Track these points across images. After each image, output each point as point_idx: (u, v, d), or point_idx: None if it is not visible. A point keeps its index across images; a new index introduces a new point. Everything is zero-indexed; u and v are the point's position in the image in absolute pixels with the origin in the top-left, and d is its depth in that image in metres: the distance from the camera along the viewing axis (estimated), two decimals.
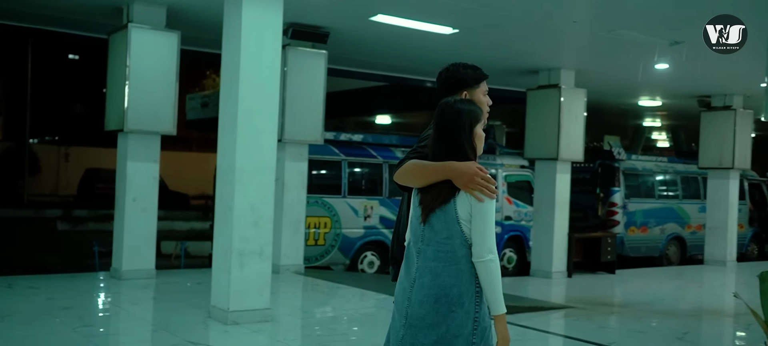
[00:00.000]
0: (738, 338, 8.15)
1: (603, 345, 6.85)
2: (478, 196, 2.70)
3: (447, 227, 2.75)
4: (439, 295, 2.73)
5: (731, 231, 14.45)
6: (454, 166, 2.75)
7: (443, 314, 2.72)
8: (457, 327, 2.72)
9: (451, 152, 2.78)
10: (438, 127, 2.85)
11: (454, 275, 2.73)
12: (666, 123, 21.02)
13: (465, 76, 3.22)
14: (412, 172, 2.89)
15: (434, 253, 2.78)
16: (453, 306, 2.72)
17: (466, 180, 2.72)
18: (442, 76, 3.26)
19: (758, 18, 7.06)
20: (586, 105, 12.15)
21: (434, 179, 2.79)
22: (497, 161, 13.32)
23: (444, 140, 2.81)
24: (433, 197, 2.78)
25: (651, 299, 10.43)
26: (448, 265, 2.74)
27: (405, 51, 11.23)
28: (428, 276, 2.77)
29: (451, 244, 2.74)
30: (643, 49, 10.14)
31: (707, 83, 13.40)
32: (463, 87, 3.19)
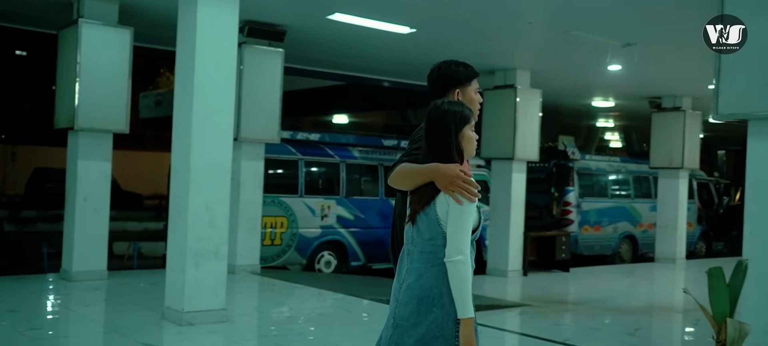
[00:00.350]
0: (687, 334, 8.34)
1: (558, 342, 6.93)
2: (458, 198, 2.71)
3: (429, 229, 2.77)
4: (422, 295, 2.75)
5: (681, 229, 14.78)
6: (438, 167, 2.76)
7: (424, 314, 2.74)
8: (437, 328, 2.73)
9: (438, 154, 2.79)
10: (427, 129, 2.86)
11: (435, 276, 2.75)
12: (618, 124, 21.41)
13: (457, 74, 3.20)
14: (402, 175, 2.91)
15: (419, 254, 2.81)
16: (433, 306, 2.73)
17: (446, 182, 2.72)
18: (433, 75, 3.24)
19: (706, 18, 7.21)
20: (542, 105, 12.29)
21: (421, 182, 2.81)
22: None
23: (431, 142, 2.83)
24: (418, 198, 2.81)
25: (604, 296, 10.60)
26: (431, 266, 2.76)
27: (363, 50, 11.22)
28: (413, 277, 2.80)
29: (433, 245, 2.77)
30: (597, 51, 10.30)
31: (658, 85, 13.68)
32: (455, 85, 3.18)
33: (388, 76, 13.83)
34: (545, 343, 6.90)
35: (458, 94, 3.16)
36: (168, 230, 7.02)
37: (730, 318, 4.13)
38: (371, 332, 7.15)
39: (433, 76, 3.24)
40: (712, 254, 17.31)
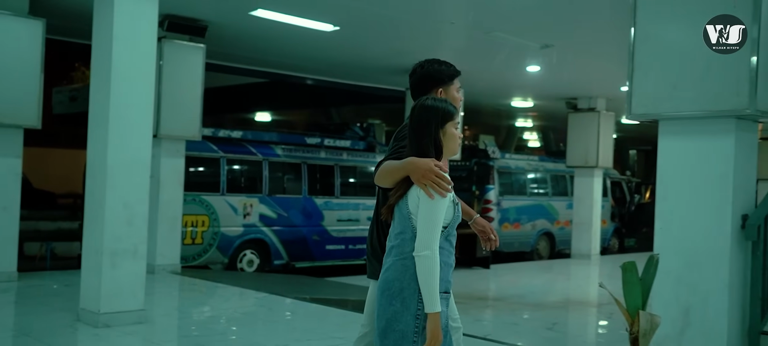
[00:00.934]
0: (601, 327, 8.63)
1: (478, 337, 7.05)
2: (429, 192, 2.70)
3: (400, 222, 2.79)
4: (384, 288, 2.78)
5: (595, 226, 15.27)
6: (412, 161, 2.76)
7: (385, 307, 2.76)
8: (395, 321, 2.73)
9: (416, 149, 2.80)
10: (410, 125, 2.86)
11: (399, 270, 2.75)
12: (537, 124, 21.95)
13: (439, 73, 3.24)
14: (384, 173, 2.91)
15: (390, 248, 2.83)
16: (393, 299, 2.74)
17: (419, 175, 2.72)
18: (415, 73, 3.26)
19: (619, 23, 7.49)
20: (464, 105, 12.47)
21: (399, 177, 2.82)
22: (377, 159, 13.44)
23: (413, 138, 2.83)
24: (393, 193, 2.83)
25: (523, 292, 10.85)
26: (397, 259, 2.77)
27: (286, 47, 11.14)
28: (383, 272, 2.83)
29: (402, 238, 2.78)
30: (517, 52, 10.55)
31: (574, 86, 14.10)
32: (438, 84, 3.22)
33: (311, 74, 13.78)
34: (466, 339, 6.98)
35: (441, 92, 3.19)
36: (83, 229, 6.77)
37: (642, 311, 4.30)
38: (294, 331, 7.13)
39: (416, 74, 3.27)
40: (625, 249, 17.95)
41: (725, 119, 4.98)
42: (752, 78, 4.78)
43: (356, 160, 13.20)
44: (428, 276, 2.68)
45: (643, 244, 17.80)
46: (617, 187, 18.37)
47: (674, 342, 5.13)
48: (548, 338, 7.48)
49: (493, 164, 15.00)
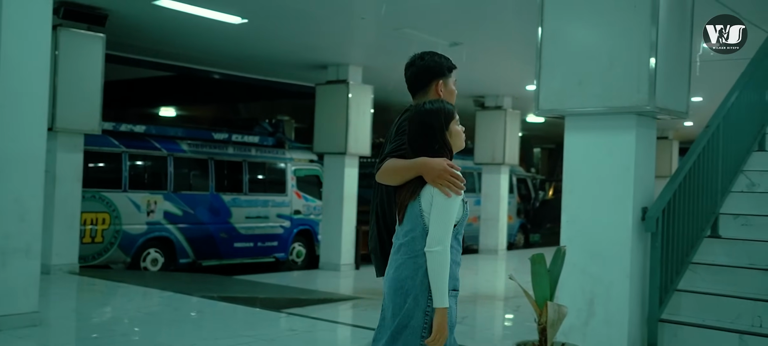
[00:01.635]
0: (508, 319, 8.79)
1: None
2: (446, 191, 2.75)
3: (411, 221, 2.82)
4: (397, 286, 2.80)
5: (502, 222, 15.59)
6: (426, 161, 2.80)
7: (399, 305, 2.78)
8: (406, 318, 2.77)
9: (426, 150, 2.84)
10: (412, 129, 2.89)
11: (411, 268, 2.79)
12: None
13: (439, 66, 3.21)
14: (391, 171, 2.91)
15: (398, 246, 2.85)
16: (407, 297, 2.77)
17: (434, 175, 2.77)
18: (415, 65, 3.22)
19: (526, 23, 7.65)
20: (373, 102, 12.48)
21: (409, 177, 2.84)
22: (286, 155, 13.28)
23: (418, 140, 2.86)
24: (405, 192, 2.85)
25: None
26: (408, 258, 2.80)
27: (192, 40, 10.82)
28: (392, 268, 2.85)
29: (412, 237, 2.80)
30: (426, 49, 10.57)
31: (482, 85, 14.34)
32: (438, 76, 3.20)
33: (219, 68, 13.45)
34: None
35: (440, 85, 3.18)
36: None
37: (550, 302, 4.38)
38: (201, 330, 6.92)
39: (416, 66, 3.23)
40: (530, 245, 18.41)
41: (627, 115, 5.15)
42: (651, 77, 4.96)
43: (265, 156, 13.00)
44: (439, 271, 2.73)
45: (548, 239, 18.35)
46: (523, 184, 18.82)
47: (579, 332, 5.26)
48: (457, 332, 7.48)
49: None
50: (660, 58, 4.99)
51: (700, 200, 5.86)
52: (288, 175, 13.17)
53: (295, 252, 13.10)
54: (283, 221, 12.88)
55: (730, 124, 6.23)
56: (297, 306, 8.28)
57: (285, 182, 13.14)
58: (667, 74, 5.08)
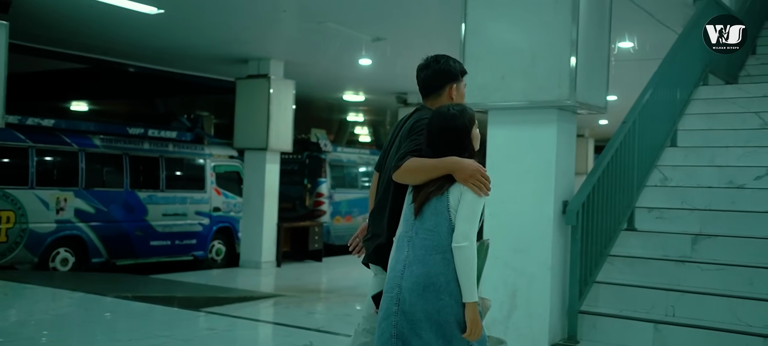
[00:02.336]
0: None
1: (311, 329, 6.95)
2: (476, 190, 2.84)
3: (436, 216, 2.85)
4: (427, 283, 2.79)
5: None
6: (458, 161, 2.87)
7: (432, 302, 2.78)
8: (447, 314, 2.77)
9: (454, 150, 2.91)
10: (441, 127, 2.94)
11: (440, 263, 2.80)
12: (368, 118, 22.22)
13: (454, 69, 3.26)
14: (415, 170, 2.93)
15: (422, 242, 2.86)
16: (441, 294, 2.78)
17: (467, 175, 2.84)
18: (430, 67, 3.25)
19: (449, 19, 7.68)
20: (295, 97, 12.32)
21: (436, 175, 2.89)
22: (205, 151, 12.96)
23: (441, 142, 2.92)
24: (430, 188, 2.88)
25: (355, 283, 10.87)
26: (436, 253, 2.82)
27: (105, 30, 10.39)
28: (418, 265, 2.83)
29: (438, 232, 2.83)
30: (349, 44, 10.53)
31: (405, 81, 14.33)
32: (453, 79, 3.25)
33: (135, 60, 12.98)
34: (299, 331, 6.88)
35: (453, 89, 3.24)
36: None
37: None
38: (115, 332, 6.64)
39: (431, 68, 3.26)
40: None
41: (549, 110, 5.21)
42: (572, 73, 5.04)
43: (183, 152, 12.65)
44: (467, 266, 2.79)
45: None
46: None
47: (502, 325, 5.30)
48: None
49: (325, 158, 14.97)
50: (580, 55, 5.07)
51: (618, 194, 6.00)
52: (207, 171, 12.87)
53: (214, 250, 12.80)
54: (201, 218, 12.57)
55: (644, 120, 6.41)
56: (216, 305, 8.08)
57: (204, 178, 12.82)
58: (587, 70, 5.17)
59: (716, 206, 6.17)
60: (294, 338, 6.67)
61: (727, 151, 6.88)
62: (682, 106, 7.54)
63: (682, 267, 5.60)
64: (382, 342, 2.88)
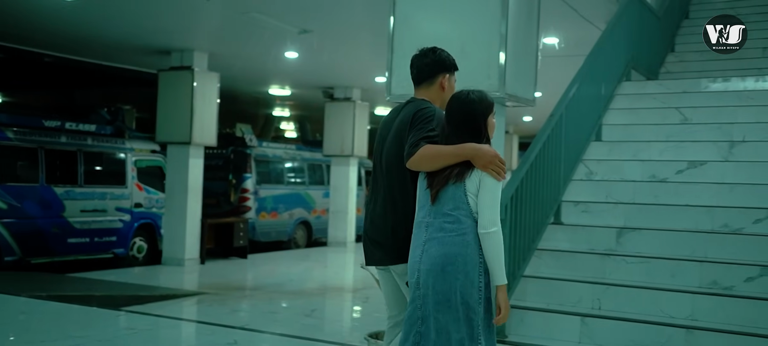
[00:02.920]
0: (357, 311, 8.74)
1: (236, 328, 6.77)
2: (495, 175, 2.94)
3: (454, 200, 2.96)
4: (445, 263, 2.91)
5: (351, 214, 15.59)
6: (476, 147, 2.98)
7: (449, 283, 2.89)
8: (461, 295, 2.89)
9: (473, 137, 3.02)
10: (461, 114, 3.06)
11: (459, 245, 2.92)
12: (294, 113, 21.97)
13: (448, 61, 3.41)
14: (432, 156, 3.01)
15: (440, 224, 2.97)
16: (458, 274, 2.90)
17: (486, 161, 2.95)
18: (427, 56, 3.38)
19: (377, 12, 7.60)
20: (220, 90, 12.02)
21: (454, 162, 2.98)
22: (126, 145, 12.51)
23: (461, 128, 3.03)
24: (446, 174, 2.98)
25: (281, 280, 10.72)
26: (455, 235, 2.93)
27: (20, 18, 9.85)
28: (435, 246, 2.95)
29: (457, 215, 2.95)
30: (275, 36, 10.33)
31: (331, 75, 14.24)
32: (446, 70, 3.39)
33: (50, 50, 12.39)
34: (223, 329, 6.70)
35: (446, 79, 3.37)
36: None
37: None
38: (28, 332, 6.30)
39: (427, 57, 3.38)
40: None
41: None
42: (501, 64, 5.02)
43: (103, 146, 12.17)
44: (497, 251, 2.92)
45: None
46: (371, 176, 18.91)
47: None
48: (307, 325, 7.39)
49: (250, 153, 14.68)
50: (510, 47, 5.06)
51: (545, 188, 6.05)
52: (128, 166, 12.41)
53: (135, 247, 12.37)
54: (122, 214, 12.12)
55: (571, 115, 6.47)
56: (137, 303, 7.79)
57: (125, 173, 12.37)
58: (516, 62, 5.16)
59: (640, 200, 6.30)
60: (218, 336, 6.49)
61: (649, 145, 7.04)
62: (607, 101, 7.68)
63: (608, 260, 5.69)
64: (409, 325, 3.00)
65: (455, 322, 2.89)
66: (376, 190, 3.40)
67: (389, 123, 3.42)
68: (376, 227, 3.35)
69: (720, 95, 7.84)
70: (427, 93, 3.37)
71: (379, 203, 3.33)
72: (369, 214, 3.44)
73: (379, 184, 3.37)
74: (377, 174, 3.39)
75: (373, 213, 3.40)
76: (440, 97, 3.37)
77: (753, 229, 5.79)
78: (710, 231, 5.85)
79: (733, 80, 8.03)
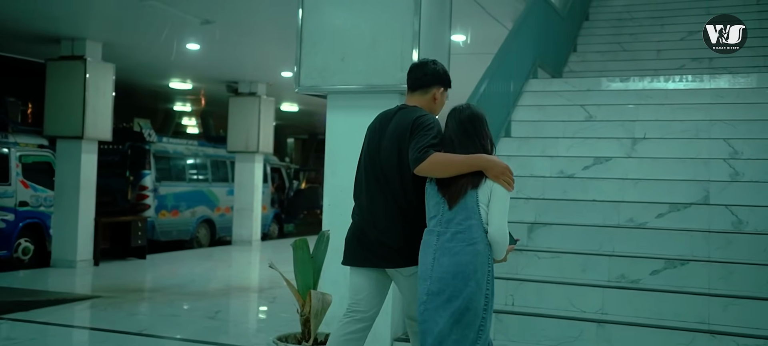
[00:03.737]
0: (263, 311, 8.45)
1: (133, 333, 6.37)
2: (506, 186, 3.12)
3: (467, 210, 3.12)
4: (457, 271, 3.07)
5: (256, 212, 15.22)
6: (489, 159, 3.16)
7: (459, 289, 3.07)
8: (469, 300, 3.06)
9: (477, 148, 3.20)
10: (470, 126, 3.26)
11: (471, 255, 3.08)
12: (196, 108, 21.28)
13: (446, 76, 3.61)
14: (445, 165, 3.15)
15: (452, 234, 3.12)
16: (468, 281, 3.07)
17: (498, 172, 3.12)
18: (428, 66, 3.57)
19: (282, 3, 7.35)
20: (116, 83, 11.41)
21: (466, 171, 3.13)
22: (9, 139, 11.66)
23: (468, 140, 3.22)
24: (462, 184, 3.13)
25: (183, 281, 10.28)
26: (467, 245, 3.09)
27: None
28: (448, 256, 3.10)
29: (468, 225, 3.10)
30: (176, 26, 9.86)
31: (235, 69, 13.81)
32: (442, 84, 3.58)
33: None
34: (118, 336, 6.29)
35: (439, 92, 3.56)
36: None
37: (314, 290, 4.09)
38: None
39: (429, 68, 3.56)
40: (284, 235, 18.23)
41: (390, 94, 5.01)
42: (414, 57, 4.88)
43: None
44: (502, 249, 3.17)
45: (302, 229, 18.31)
46: (277, 173, 18.58)
47: None
48: (210, 328, 7.05)
49: (149, 148, 14.04)
50: (423, 38, 4.93)
51: None
52: (12, 162, 11.56)
53: (21, 249, 11.53)
54: (5, 213, 11.28)
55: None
56: (20, 310, 7.23)
57: (8, 169, 11.52)
58: (428, 54, 5.00)
59: (549, 195, 6.32)
60: (112, 343, 6.08)
61: (556, 142, 7.10)
62: (515, 97, 7.71)
63: (520, 256, 5.65)
64: (423, 329, 3.16)
65: (460, 328, 3.06)
66: (370, 193, 3.48)
67: (380, 128, 3.52)
68: (381, 230, 3.44)
69: (621, 94, 8.02)
70: (420, 101, 3.53)
71: (381, 208, 3.43)
72: (364, 215, 3.52)
73: (377, 189, 3.46)
74: (370, 179, 3.49)
75: (372, 216, 3.47)
76: (431, 108, 3.54)
77: (656, 223, 5.90)
78: (617, 226, 5.93)
79: (631, 80, 8.25)
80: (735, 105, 7.27)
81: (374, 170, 3.46)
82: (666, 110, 7.40)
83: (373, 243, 3.46)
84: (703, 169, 6.36)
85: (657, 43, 10.35)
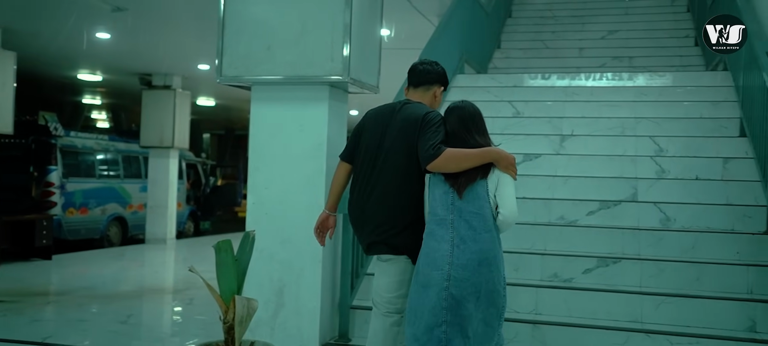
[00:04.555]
0: (179, 314, 8.04)
1: (36, 342, 5.89)
2: (513, 175, 3.37)
3: (479, 199, 3.31)
4: (482, 259, 3.25)
5: (171, 209, 14.65)
6: (499, 151, 3.36)
7: (485, 275, 3.25)
8: (495, 284, 3.28)
9: (484, 142, 3.42)
10: (476, 121, 3.49)
11: (489, 241, 3.28)
12: (106, 101, 20.38)
13: (446, 77, 3.82)
14: (460, 159, 3.32)
15: (468, 223, 3.28)
16: (492, 267, 3.27)
17: (507, 163, 3.34)
18: (432, 65, 3.76)
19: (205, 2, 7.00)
20: (18, 73, 10.68)
21: (478, 164, 3.32)
22: None
23: (472, 133, 3.43)
24: (472, 175, 3.32)
25: (92, 283, 9.70)
26: (485, 232, 3.28)
27: None
28: (470, 243, 3.26)
29: (483, 214, 3.29)
30: (84, 13, 9.28)
31: (149, 61, 13.22)
32: (442, 84, 3.79)
33: None
34: None
35: (439, 90, 3.76)
36: None
37: (238, 295, 3.78)
38: None
39: (432, 67, 3.76)
40: (200, 233, 17.67)
41: (319, 86, 4.77)
42: (345, 47, 4.63)
43: None
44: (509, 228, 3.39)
45: (219, 227, 17.79)
46: (193, 169, 17.98)
47: (268, 325, 4.77)
48: (121, 333, 6.62)
49: (55, 143, 13.26)
50: (354, 27, 4.68)
51: None
52: None
53: None
54: None
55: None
56: None
57: None
58: (360, 45, 4.80)
59: None
60: None
61: None
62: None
63: None
64: (433, 315, 3.22)
65: (486, 308, 3.24)
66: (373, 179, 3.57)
67: (383, 119, 3.61)
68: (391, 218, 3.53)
69: (548, 90, 8.01)
70: (422, 97, 3.71)
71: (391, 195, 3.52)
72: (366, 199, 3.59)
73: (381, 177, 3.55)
74: (372, 166, 3.57)
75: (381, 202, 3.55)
76: (431, 104, 3.71)
77: (587, 221, 5.86)
78: (548, 223, 5.86)
79: (552, 77, 8.26)
80: (657, 103, 7.36)
81: (379, 160, 3.56)
82: (592, 107, 7.42)
83: (386, 229, 3.55)
84: (630, 166, 6.38)
85: (579, 41, 10.46)
